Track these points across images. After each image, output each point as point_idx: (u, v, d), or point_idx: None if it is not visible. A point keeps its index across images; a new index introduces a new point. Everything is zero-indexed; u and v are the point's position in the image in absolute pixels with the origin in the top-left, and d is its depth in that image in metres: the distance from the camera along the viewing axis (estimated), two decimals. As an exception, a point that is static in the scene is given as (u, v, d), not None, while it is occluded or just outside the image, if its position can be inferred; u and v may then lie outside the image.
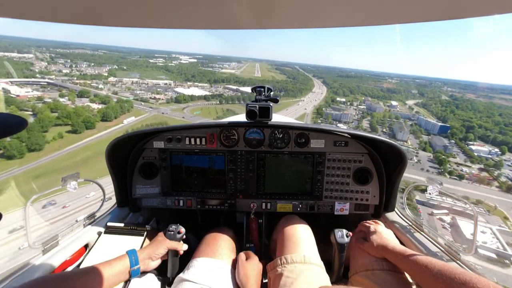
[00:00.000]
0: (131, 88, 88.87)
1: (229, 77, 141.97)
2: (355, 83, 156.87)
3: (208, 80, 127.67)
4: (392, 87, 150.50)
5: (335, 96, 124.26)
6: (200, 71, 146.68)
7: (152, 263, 1.39)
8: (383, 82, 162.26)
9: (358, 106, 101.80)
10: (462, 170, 46.34)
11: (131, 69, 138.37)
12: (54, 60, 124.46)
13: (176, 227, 1.51)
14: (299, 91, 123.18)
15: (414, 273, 1.15)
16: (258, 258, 1.59)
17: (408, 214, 1.76)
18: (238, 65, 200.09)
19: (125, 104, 65.61)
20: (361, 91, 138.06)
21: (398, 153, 1.64)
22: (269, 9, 0.61)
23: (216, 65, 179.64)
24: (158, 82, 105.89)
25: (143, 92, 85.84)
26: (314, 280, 1.30)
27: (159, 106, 74.28)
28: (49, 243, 1.38)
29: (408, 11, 0.56)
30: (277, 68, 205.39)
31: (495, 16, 0.49)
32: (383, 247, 1.32)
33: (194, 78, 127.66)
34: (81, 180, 1.60)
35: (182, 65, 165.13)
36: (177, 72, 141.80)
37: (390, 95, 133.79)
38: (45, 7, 0.58)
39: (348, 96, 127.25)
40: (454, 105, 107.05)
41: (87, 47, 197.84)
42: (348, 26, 0.65)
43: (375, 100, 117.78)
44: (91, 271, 1.14)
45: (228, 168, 1.88)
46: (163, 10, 0.59)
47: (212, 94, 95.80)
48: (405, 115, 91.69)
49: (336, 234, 1.52)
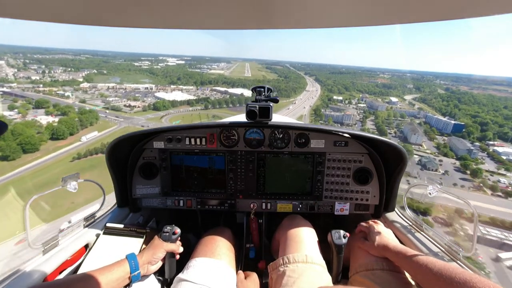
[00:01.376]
0: (104, 94, 76.74)
1: (217, 78, 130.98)
2: (349, 79, 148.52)
3: (195, 82, 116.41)
4: (387, 82, 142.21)
5: (331, 94, 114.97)
6: (187, 73, 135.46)
7: (151, 267, 1.37)
8: (377, 78, 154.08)
9: (358, 104, 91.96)
10: (500, 182, 36.48)
11: (112, 73, 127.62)
12: (27, 66, 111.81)
13: (171, 228, 1.48)
14: (292, 90, 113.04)
15: (414, 273, 1.14)
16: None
17: (408, 214, 1.73)
18: (228, 66, 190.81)
19: (89, 115, 53.04)
20: (356, 87, 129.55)
21: (398, 153, 1.62)
22: (268, 9, 0.59)
23: (204, 66, 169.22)
24: (138, 87, 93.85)
25: (118, 99, 73.76)
26: (316, 279, 1.28)
27: (134, 115, 62.62)
28: (49, 243, 1.35)
29: (408, 11, 0.55)
30: (268, 67, 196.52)
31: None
32: (384, 247, 1.31)
33: (179, 81, 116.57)
34: (81, 181, 1.57)
35: (168, 67, 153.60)
36: (162, 75, 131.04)
37: (386, 90, 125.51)
38: (44, 8, 0.57)
39: (344, 94, 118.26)
40: (456, 99, 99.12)
41: (69, 52, 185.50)
42: (349, 27, 0.63)
43: (373, 97, 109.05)
44: (91, 277, 1.11)
45: (228, 168, 1.86)
46: (163, 10, 0.58)
47: (197, 98, 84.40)
48: (410, 112, 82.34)
49: (333, 235, 1.49)
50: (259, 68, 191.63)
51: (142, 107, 67.89)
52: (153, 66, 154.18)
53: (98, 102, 69.61)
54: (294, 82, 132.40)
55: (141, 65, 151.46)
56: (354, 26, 0.64)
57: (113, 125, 54.15)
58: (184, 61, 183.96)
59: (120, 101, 71.33)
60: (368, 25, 0.64)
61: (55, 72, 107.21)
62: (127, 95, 79.01)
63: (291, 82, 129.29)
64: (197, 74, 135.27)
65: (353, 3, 0.55)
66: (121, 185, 1.80)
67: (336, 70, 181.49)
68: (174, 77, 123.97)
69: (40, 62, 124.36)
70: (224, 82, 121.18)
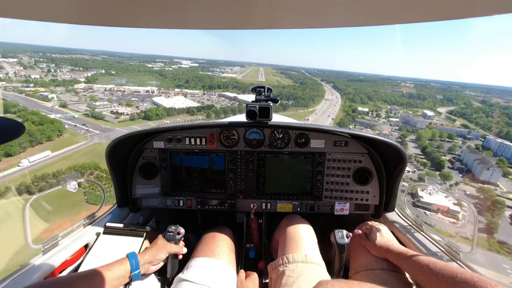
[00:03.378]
0: (95, 98, 64.96)
1: (228, 82, 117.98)
2: (370, 88, 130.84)
3: (203, 86, 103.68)
4: (413, 92, 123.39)
5: (353, 104, 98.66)
6: (197, 76, 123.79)
7: (152, 267, 1.34)
8: (400, 86, 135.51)
9: (389, 118, 75.01)
10: None
11: (120, 74, 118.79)
12: (36, 65, 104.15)
13: (176, 228, 1.45)
14: (310, 98, 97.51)
15: (415, 274, 1.13)
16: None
17: (408, 214, 1.70)
18: (241, 70, 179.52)
19: (48, 127, 38.89)
20: (381, 97, 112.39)
21: (398, 153, 1.58)
22: (273, 9, 0.58)
23: (217, 69, 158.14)
24: (139, 89, 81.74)
25: (107, 104, 61.36)
26: (316, 279, 1.23)
27: (116, 125, 49.92)
28: (49, 243, 1.33)
29: (408, 11, 0.54)
30: (282, 72, 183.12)
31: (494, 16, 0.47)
32: (386, 248, 1.29)
33: (187, 84, 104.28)
34: (81, 181, 1.56)
35: (180, 69, 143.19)
36: (171, 77, 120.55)
37: (415, 101, 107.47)
38: (45, 7, 0.55)
39: (368, 104, 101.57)
40: (504, 115, 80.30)
41: (87, 52, 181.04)
42: (350, 26, 0.63)
43: (402, 109, 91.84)
44: (91, 275, 1.10)
45: (228, 168, 1.82)
46: (163, 9, 0.57)
47: (200, 105, 70.87)
48: (457, 131, 64.58)
49: (336, 235, 1.46)
50: (273, 73, 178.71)
51: (130, 115, 55.26)
52: (165, 68, 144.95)
53: (83, 107, 57.76)
54: (311, 89, 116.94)
55: (153, 67, 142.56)
56: (354, 26, 0.63)
57: (81, 140, 41.09)
58: (198, 64, 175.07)
59: (109, 106, 59.05)
60: (368, 25, 0.63)
61: (60, 71, 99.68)
62: (121, 99, 67.14)
63: (308, 89, 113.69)
64: (207, 77, 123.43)
65: (354, 4, 0.53)
66: (121, 185, 1.76)
67: (354, 78, 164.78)
68: (182, 80, 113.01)
69: (52, 61, 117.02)
70: (235, 87, 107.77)
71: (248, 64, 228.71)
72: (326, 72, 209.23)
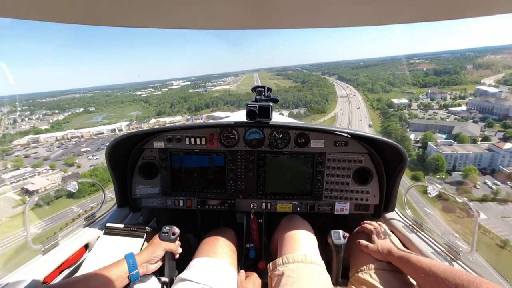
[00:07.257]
0: (20, 161, 42.37)
1: (220, 97, 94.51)
2: (382, 72, 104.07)
3: (188, 108, 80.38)
4: (435, 68, 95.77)
5: (375, 95, 73.17)
6: (184, 96, 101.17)
7: (151, 266, 1.29)
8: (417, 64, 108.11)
9: (450, 107, 48.77)
10: None
11: (101, 109, 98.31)
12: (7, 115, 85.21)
13: (170, 228, 1.40)
14: (322, 98, 72.11)
15: (417, 276, 1.09)
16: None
17: (408, 214, 1.64)
18: (235, 79, 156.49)
19: None
20: (404, 79, 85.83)
21: (398, 153, 1.53)
22: (269, 9, 0.56)
23: (209, 83, 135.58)
24: (102, 130, 59.17)
25: (29, 170, 38.47)
26: (315, 279, 1.22)
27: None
28: (49, 243, 1.28)
29: (409, 11, 0.52)
30: (278, 73, 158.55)
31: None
32: (388, 252, 1.24)
33: (170, 109, 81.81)
34: (81, 180, 1.52)
35: (171, 91, 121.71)
36: (155, 103, 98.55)
37: (448, 78, 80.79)
38: (45, 7, 0.54)
39: (392, 92, 75.73)
40: None
41: (80, 91, 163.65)
42: (350, 26, 0.61)
43: (442, 90, 65.84)
44: (90, 279, 1.05)
45: (228, 168, 1.76)
46: (163, 9, 0.54)
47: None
48: None
49: (332, 235, 1.42)
50: (269, 77, 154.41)
51: (45, 191, 31.36)
52: (154, 92, 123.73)
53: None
54: (318, 86, 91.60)
55: (141, 94, 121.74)
56: (354, 26, 0.60)
57: None
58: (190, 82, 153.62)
59: (23, 178, 35.67)
60: (368, 25, 0.59)
61: (28, 119, 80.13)
62: (68, 152, 44.67)
63: (315, 88, 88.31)
64: (197, 96, 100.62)
65: (354, 3, 0.51)
66: (121, 185, 1.71)
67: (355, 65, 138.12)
68: (167, 104, 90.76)
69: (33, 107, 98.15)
70: (227, 103, 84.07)
71: (241, 73, 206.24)
72: (323, 65, 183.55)
